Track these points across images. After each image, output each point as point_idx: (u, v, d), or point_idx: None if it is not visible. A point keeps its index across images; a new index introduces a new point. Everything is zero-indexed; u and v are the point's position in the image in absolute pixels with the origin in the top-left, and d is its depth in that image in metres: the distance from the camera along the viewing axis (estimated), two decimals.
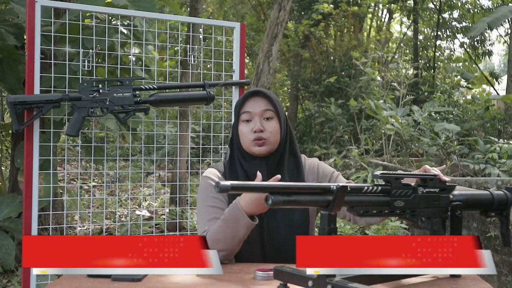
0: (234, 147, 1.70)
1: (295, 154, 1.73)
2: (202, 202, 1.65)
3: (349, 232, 4.69)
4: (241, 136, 1.66)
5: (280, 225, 1.63)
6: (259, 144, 1.63)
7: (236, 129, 1.68)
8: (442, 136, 4.99)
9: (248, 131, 1.64)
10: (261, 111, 1.65)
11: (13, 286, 3.32)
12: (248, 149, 1.66)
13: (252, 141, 1.63)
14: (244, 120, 1.66)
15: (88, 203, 5.40)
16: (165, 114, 2.91)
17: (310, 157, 1.82)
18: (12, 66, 3.03)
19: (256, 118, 1.65)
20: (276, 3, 5.61)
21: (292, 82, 11.27)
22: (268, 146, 1.64)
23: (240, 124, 1.67)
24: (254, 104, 1.66)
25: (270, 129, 1.65)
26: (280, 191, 1.15)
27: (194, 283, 1.34)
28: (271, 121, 1.66)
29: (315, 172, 1.74)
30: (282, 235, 1.63)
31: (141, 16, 2.58)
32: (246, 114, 1.66)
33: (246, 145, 1.65)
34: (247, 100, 1.67)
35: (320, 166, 1.77)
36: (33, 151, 2.22)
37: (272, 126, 1.66)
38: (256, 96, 1.68)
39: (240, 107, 1.68)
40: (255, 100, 1.67)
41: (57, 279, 1.42)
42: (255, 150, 1.64)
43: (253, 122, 1.65)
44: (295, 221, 1.64)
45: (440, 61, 12.47)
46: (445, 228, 1.41)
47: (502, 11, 6.30)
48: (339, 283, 1.11)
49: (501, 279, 2.77)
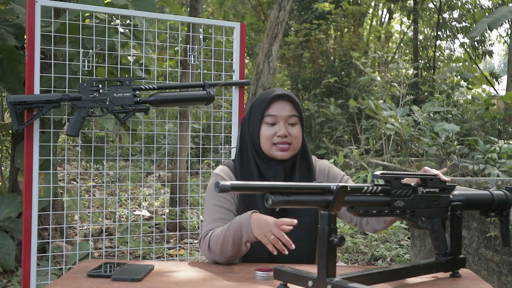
0: (249, 146, 1.67)
1: (306, 156, 1.73)
2: (210, 200, 1.64)
3: (349, 232, 4.69)
4: (263, 138, 1.64)
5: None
6: (284, 149, 1.63)
7: (258, 130, 1.65)
8: (442, 136, 4.99)
9: (271, 134, 1.63)
10: (287, 116, 1.64)
11: (13, 286, 3.31)
12: (268, 152, 1.64)
13: (274, 145, 1.63)
14: (268, 123, 1.64)
15: (88, 203, 5.40)
16: (165, 114, 2.91)
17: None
18: (12, 66, 3.03)
19: (281, 122, 1.64)
20: (276, 3, 5.60)
21: (292, 82, 11.27)
22: (291, 152, 1.65)
23: (262, 126, 1.65)
24: (280, 108, 1.65)
25: (295, 135, 1.65)
26: (280, 191, 1.15)
27: (194, 283, 1.34)
28: (295, 126, 1.66)
29: (325, 175, 1.74)
30: (292, 238, 1.62)
31: (141, 16, 2.58)
32: (271, 117, 1.64)
33: (267, 147, 1.64)
34: (272, 103, 1.65)
35: (331, 169, 1.77)
36: (33, 151, 2.23)
37: (296, 131, 1.66)
38: (282, 100, 1.66)
39: (264, 109, 1.65)
40: (281, 103, 1.65)
41: (57, 279, 1.42)
42: (277, 154, 1.63)
43: (277, 126, 1.64)
44: (305, 223, 1.63)
45: (440, 61, 12.47)
46: (445, 228, 1.41)
47: (502, 12, 6.30)
48: (339, 283, 1.11)
49: (501, 279, 2.77)
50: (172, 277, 1.39)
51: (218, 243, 1.50)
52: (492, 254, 2.83)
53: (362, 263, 4.08)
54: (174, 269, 1.47)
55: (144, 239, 4.35)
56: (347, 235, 4.58)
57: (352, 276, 1.18)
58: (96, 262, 1.52)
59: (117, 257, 3.18)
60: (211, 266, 1.52)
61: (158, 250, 4.05)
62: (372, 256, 4.17)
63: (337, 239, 1.12)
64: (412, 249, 3.83)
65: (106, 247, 4.19)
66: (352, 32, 11.36)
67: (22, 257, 2.22)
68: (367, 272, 1.24)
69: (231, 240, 1.48)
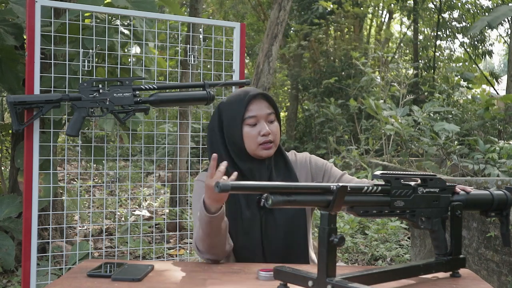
0: (229, 149, 1.68)
1: (281, 152, 1.74)
2: (196, 205, 1.65)
3: (349, 232, 4.69)
4: (248, 139, 1.65)
5: (278, 219, 1.64)
6: (268, 147, 1.65)
7: (240, 132, 1.65)
8: (442, 136, 4.98)
9: (255, 134, 1.64)
10: (266, 114, 1.66)
11: (13, 286, 3.31)
12: (253, 152, 1.65)
13: (260, 145, 1.64)
14: (250, 124, 1.65)
15: (88, 203, 5.40)
16: (165, 114, 2.91)
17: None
18: (11, 66, 3.03)
19: (262, 121, 1.66)
20: (276, 3, 5.60)
21: (292, 82, 11.27)
22: (274, 149, 1.67)
23: (245, 128, 1.65)
24: (258, 107, 1.66)
25: (275, 131, 1.67)
26: (280, 191, 1.15)
27: (194, 283, 1.34)
28: (274, 123, 1.69)
29: (307, 166, 1.75)
30: (281, 229, 1.64)
31: (141, 16, 2.58)
32: (252, 118, 1.65)
33: (253, 148, 1.65)
34: (250, 104, 1.66)
35: (312, 160, 1.78)
36: (33, 151, 2.22)
37: (276, 128, 1.68)
38: (258, 99, 1.68)
39: (244, 111, 1.65)
40: (258, 103, 1.67)
41: (57, 279, 1.42)
42: (263, 153, 1.65)
43: (259, 125, 1.65)
44: (293, 215, 1.66)
45: (440, 61, 12.46)
46: (445, 228, 1.41)
47: (502, 10, 6.29)
48: (339, 283, 1.11)
49: (501, 279, 2.77)
50: (172, 277, 1.39)
51: (198, 239, 1.52)
52: (492, 254, 2.83)
53: (362, 263, 4.08)
54: (174, 269, 1.48)
55: (144, 239, 4.35)
56: (347, 235, 4.57)
57: (352, 276, 1.18)
58: (96, 262, 1.52)
59: (117, 257, 3.18)
60: (211, 266, 1.52)
61: (158, 250, 4.05)
62: (372, 256, 4.17)
63: (337, 239, 1.12)
64: (412, 249, 3.83)
65: (106, 247, 4.19)
66: (352, 32, 11.36)
67: (22, 257, 2.22)
68: (367, 272, 1.24)
69: (202, 226, 1.49)
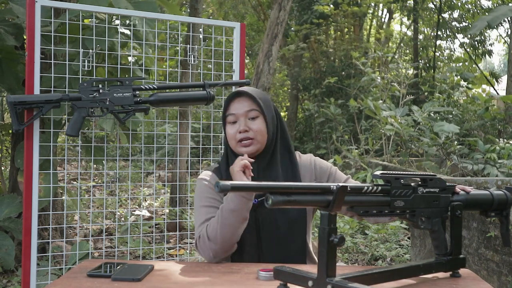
0: (227, 148, 1.73)
1: (289, 152, 1.74)
2: (198, 203, 1.67)
3: (349, 232, 4.69)
4: (229, 137, 1.69)
5: (277, 219, 1.64)
6: (246, 145, 1.66)
7: (224, 130, 1.72)
8: (442, 136, 4.98)
9: (234, 132, 1.67)
10: (245, 112, 1.68)
11: (13, 286, 3.31)
12: (235, 150, 1.68)
13: (238, 142, 1.66)
14: (230, 122, 1.69)
15: (88, 203, 5.40)
16: (165, 114, 2.91)
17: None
18: (11, 66, 3.03)
19: (241, 119, 1.67)
20: (276, 3, 5.60)
21: (292, 82, 11.27)
22: (255, 145, 1.67)
23: (227, 126, 1.70)
24: (238, 105, 1.68)
25: (256, 128, 1.66)
26: (280, 191, 1.15)
27: (194, 283, 1.34)
28: (256, 120, 1.68)
29: (312, 169, 1.75)
30: (279, 230, 1.64)
31: (141, 16, 2.58)
32: (231, 116, 1.69)
33: (233, 146, 1.68)
34: (231, 102, 1.70)
35: (317, 162, 1.77)
36: (33, 151, 2.22)
37: (257, 125, 1.67)
38: (240, 97, 1.70)
39: (225, 109, 1.71)
40: (239, 101, 1.69)
41: (57, 279, 1.42)
42: (242, 150, 1.66)
43: (238, 123, 1.68)
44: (292, 215, 1.66)
45: (440, 61, 12.46)
46: (445, 228, 1.41)
47: (502, 10, 6.28)
48: (339, 283, 1.11)
49: (501, 279, 2.77)
50: (172, 277, 1.39)
51: (217, 225, 1.54)
52: (492, 254, 2.83)
53: (362, 263, 4.08)
54: (174, 269, 1.47)
55: (144, 239, 4.35)
56: (347, 235, 4.58)
57: (352, 276, 1.18)
58: (96, 262, 1.52)
59: (117, 257, 3.18)
60: (211, 266, 1.52)
61: (158, 250, 4.05)
62: (372, 256, 4.17)
63: (337, 239, 1.12)
64: (412, 249, 3.83)
65: (106, 247, 4.19)
66: (352, 32, 11.36)
67: (22, 257, 2.22)
68: (367, 272, 1.24)
69: (226, 215, 1.53)
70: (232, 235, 1.55)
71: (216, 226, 1.54)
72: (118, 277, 1.34)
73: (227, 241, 1.55)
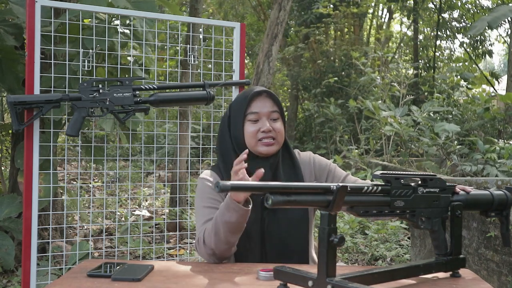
0: (231, 148, 1.70)
1: (289, 152, 1.75)
2: (199, 203, 1.66)
3: (349, 232, 4.69)
4: (248, 135, 1.67)
5: (280, 219, 1.64)
6: (269, 144, 1.66)
7: (241, 128, 1.68)
8: (442, 136, 4.98)
9: (255, 130, 1.66)
10: (268, 112, 1.68)
11: (13, 286, 3.31)
12: (253, 148, 1.67)
13: (259, 141, 1.65)
14: (252, 120, 1.67)
15: (88, 203, 5.40)
16: (165, 114, 2.91)
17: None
18: (10, 66, 3.03)
19: (264, 118, 1.67)
20: (276, 3, 5.60)
21: (292, 82, 11.26)
22: (276, 146, 1.68)
23: (246, 124, 1.68)
24: (261, 104, 1.68)
25: (278, 129, 1.68)
26: (280, 191, 1.15)
27: (194, 283, 1.34)
28: (277, 121, 1.69)
29: (311, 166, 1.76)
30: (283, 230, 1.64)
31: (141, 16, 2.58)
32: (254, 114, 1.67)
33: (252, 144, 1.66)
34: (253, 100, 1.68)
35: (316, 160, 1.78)
36: (33, 151, 2.22)
37: (279, 126, 1.68)
38: (261, 96, 1.69)
39: (246, 107, 1.68)
40: (261, 100, 1.68)
41: (57, 279, 1.42)
42: (263, 150, 1.65)
43: (260, 122, 1.67)
44: (295, 216, 1.66)
45: (440, 61, 12.46)
46: (445, 228, 1.41)
47: (502, 10, 6.28)
48: (339, 283, 1.11)
49: (501, 279, 2.77)
50: (172, 277, 1.39)
51: (211, 232, 1.52)
52: (492, 254, 2.83)
53: (362, 263, 4.08)
54: (174, 269, 1.47)
55: (144, 239, 4.35)
56: (347, 235, 4.57)
57: (352, 276, 1.18)
58: (96, 262, 1.52)
59: (117, 257, 3.18)
60: (211, 266, 1.52)
61: (158, 250, 4.05)
62: (372, 256, 4.17)
63: (337, 239, 1.12)
64: (412, 249, 3.83)
65: (106, 247, 4.19)
66: (352, 32, 11.36)
67: (22, 257, 2.22)
68: (367, 272, 1.24)
69: (219, 220, 1.49)
70: (226, 244, 1.53)
71: (211, 233, 1.52)
72: (118, 277, 1.34)
73: (221, 248, 1.53)
